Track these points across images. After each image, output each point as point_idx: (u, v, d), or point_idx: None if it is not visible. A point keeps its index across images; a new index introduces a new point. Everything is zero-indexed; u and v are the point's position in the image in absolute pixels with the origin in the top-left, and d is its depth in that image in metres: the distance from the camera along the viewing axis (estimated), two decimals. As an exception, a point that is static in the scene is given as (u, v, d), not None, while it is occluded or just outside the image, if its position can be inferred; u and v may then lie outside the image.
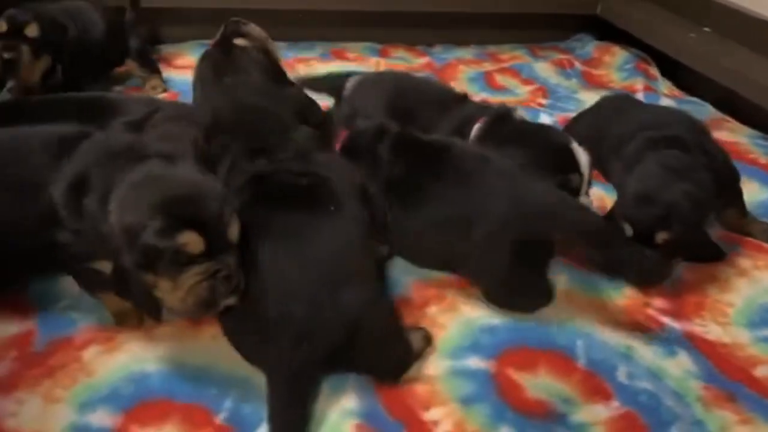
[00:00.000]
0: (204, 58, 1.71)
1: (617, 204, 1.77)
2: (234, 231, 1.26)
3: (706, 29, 2.89)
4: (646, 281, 1.69)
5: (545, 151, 1.73)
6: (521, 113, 1.94)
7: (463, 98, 2.01)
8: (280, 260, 1.33)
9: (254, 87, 1.64)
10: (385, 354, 1.39)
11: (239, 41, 1.69)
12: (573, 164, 1.71)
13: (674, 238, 1.63)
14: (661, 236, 1.63)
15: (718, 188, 1.72)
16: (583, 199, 1.73)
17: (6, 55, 2.14)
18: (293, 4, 3.09)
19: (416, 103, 1.99)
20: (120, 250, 1.22)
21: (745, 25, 2.75)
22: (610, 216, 1.77)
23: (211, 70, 1.64)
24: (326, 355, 1.29)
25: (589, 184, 1.76)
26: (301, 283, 1.30)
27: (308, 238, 1.36)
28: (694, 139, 1.82)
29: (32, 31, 2.17)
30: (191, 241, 1.20)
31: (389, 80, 2.15)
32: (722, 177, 1.79)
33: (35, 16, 2.18)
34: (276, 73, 2.01)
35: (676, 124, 1.89)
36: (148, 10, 2.92)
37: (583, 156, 1.72)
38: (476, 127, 1.84)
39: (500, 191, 1.54)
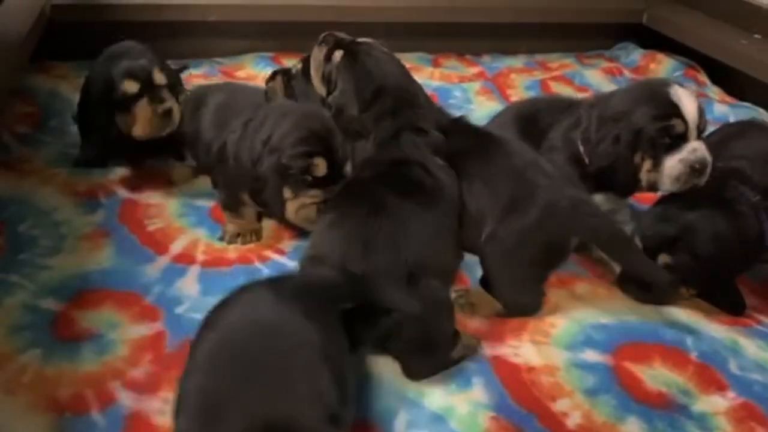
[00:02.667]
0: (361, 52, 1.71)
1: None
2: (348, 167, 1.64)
3: (757, 36, 2.95)
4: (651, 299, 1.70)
5: (642, 98, 1.74)
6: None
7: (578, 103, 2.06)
8: (378, 236, 1.41)
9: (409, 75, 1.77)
10: (427, 351, 1.44)
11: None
12: (673, 109, 1.69)
13: (677, 265, 1.63)
14: (662, 258, 1.64)
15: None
16: (695, 144, 1.69)
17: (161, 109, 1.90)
18: (347, 17, 3.13)
19: (537, 111, 2.06)
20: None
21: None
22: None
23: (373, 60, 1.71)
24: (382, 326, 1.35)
25: (701, 130, 1.72)
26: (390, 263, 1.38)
27: (408, 227, 1.45)
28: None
29: (160, 78, 1.94)
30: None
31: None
32: None
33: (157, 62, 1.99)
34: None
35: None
36: (208, 24, 2.99)
37: (686, 100, 1.69)
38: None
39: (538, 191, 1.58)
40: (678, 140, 1.69)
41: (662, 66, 3.24)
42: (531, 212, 1.54)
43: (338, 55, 1.73)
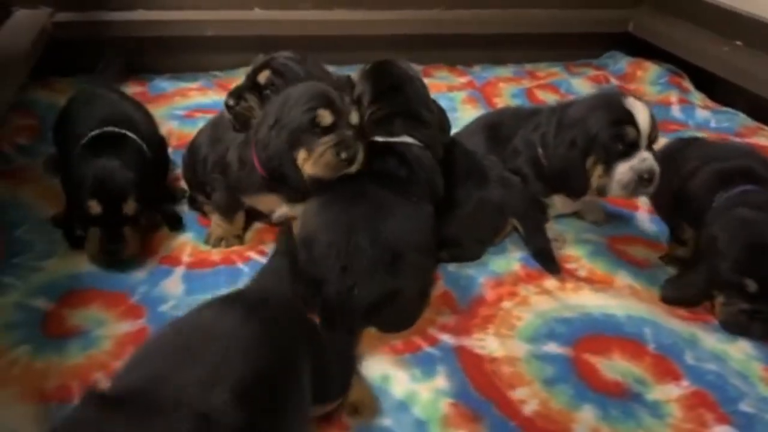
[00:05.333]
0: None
1: (720, 258, 1.64)
2: (355, 115, 1.69)
3: (738, 43, 3.02)
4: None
5: (598, 107, 1.84)
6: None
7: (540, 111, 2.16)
8: (360, 221, 1.59)
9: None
10: (406, 316, 1.66)
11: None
12: (627, 117, 1.78)
13: None
14: None
15: None
16: (645, 154, 1.77)
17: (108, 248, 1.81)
18: (339, 31, 3.24)
19: (503, 120, 2.20)
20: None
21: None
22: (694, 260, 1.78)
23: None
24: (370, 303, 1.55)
25: (652, 140, 1.80)
26: (370, 244, 1.56)
27: (387, 214, 1.62)
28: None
29: (130, 208, 1.81)
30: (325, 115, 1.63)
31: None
32: None
33: None
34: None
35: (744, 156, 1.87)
36: (204, 38, 3.09)
37: (639, 110, 1.78)
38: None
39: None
40: (630, 148, 1.77)
41: (648, 73, 3.31)
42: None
43: (368, 65, 1.95)
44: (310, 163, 1.66)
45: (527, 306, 1.73)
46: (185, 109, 2.77)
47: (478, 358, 1.55)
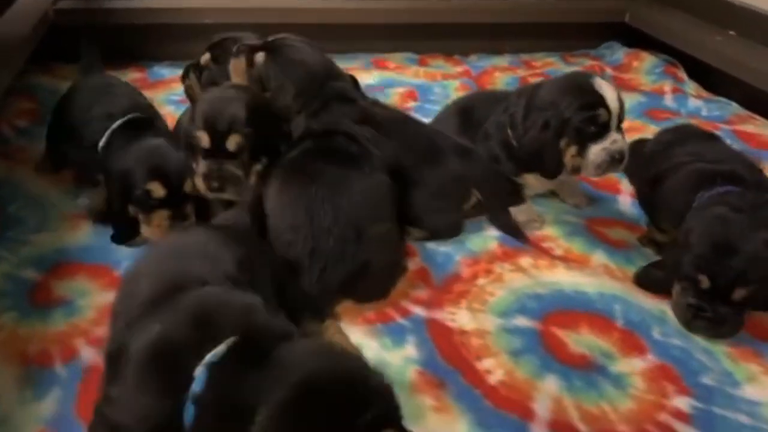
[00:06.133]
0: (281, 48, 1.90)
1: (687, 250, 1.62)
2: (232, 142, 1.70)
3: (731, 32, 3.04)
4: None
5: (569, 89, 1.87)
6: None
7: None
8: (319, 202, 1.63)
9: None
10: (379, 286, 1.71)
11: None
12: (598, 100, 1.82)
13: (754, 293, 1.56)
14: (738, 293, 1.56)
15: None
16: (615, 136, 1.83)
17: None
18: (338, 19, 3.28)
19: (475, 104, 2.25)
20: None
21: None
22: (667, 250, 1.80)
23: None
24: (342, 280, 1.62)
25: (621, 120, 1.85)
26: (333, 223, 1.61)
27: (344, 190, 1.65)
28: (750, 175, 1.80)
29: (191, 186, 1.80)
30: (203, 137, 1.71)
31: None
32: None
33: None
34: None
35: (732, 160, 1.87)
36: (203, 26, 3.14)
37: (609, 92, 1.82)
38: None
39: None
40: (602, 129, 1.82)
41: (644, 63, 3.32)
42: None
43: (261, 56, 1.88)
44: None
45: (501, 283, 1.76)
46: (181, 95, 2.81)
47: (448, 330, 1.60)
